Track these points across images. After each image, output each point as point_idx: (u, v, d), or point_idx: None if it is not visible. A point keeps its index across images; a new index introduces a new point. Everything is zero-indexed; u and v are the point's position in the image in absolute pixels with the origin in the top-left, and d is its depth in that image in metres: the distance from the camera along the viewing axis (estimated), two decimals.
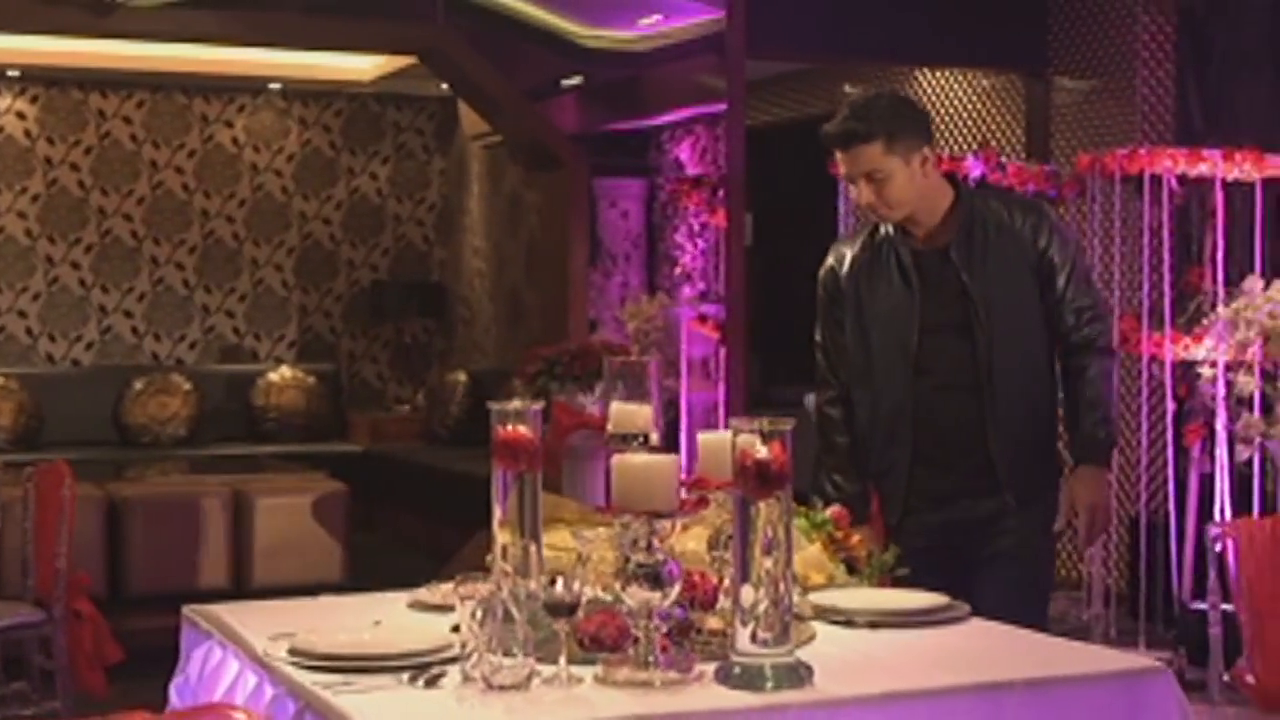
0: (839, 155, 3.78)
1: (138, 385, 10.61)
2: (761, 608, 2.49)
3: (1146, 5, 7.57)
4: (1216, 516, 6.58)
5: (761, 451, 2.52)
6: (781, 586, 2.51)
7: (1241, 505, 6.55)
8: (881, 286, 3.90)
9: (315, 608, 3.26)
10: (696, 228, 11.02)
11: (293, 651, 2.72)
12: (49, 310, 11.06)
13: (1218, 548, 3.76)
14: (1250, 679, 3.69)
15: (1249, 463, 6.42)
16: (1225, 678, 3.73)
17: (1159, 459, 6.91)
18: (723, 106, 9.58)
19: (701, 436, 2.91)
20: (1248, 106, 7.66)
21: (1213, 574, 3.73)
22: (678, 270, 11.21)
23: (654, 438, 2.99)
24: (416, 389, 11.85)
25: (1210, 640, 3.76)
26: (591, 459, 6.92)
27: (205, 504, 7.42)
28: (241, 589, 7.21)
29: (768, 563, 2.50)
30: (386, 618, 3.03)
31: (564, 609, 2.60)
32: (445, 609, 3.15)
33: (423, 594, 3.27)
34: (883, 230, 3.91)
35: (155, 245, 11.28)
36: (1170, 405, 6.68)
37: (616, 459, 2.66)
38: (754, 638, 2.50)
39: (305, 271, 11.68)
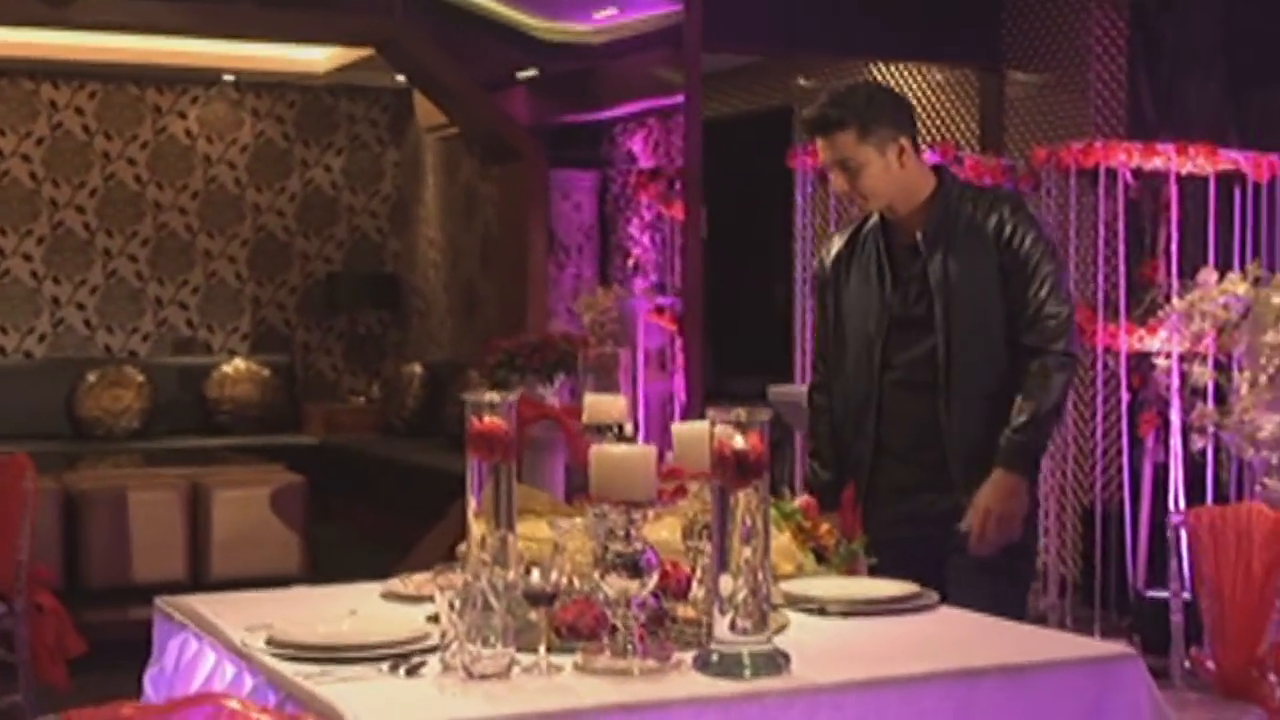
0: (818, 141, 3.82)
1: (90, 378, 10.56)
2: (740, 597, 2.52)
3: (1100, 0, 7.63)
4: (1171, 506, 6.66)
5: (739, 442, 2.54)
6: (760, 575, 2.54)
7: (1195, 494, 6.64)
8: (857, 278, 3.92)
9: (288, 599, 3.27)
10: (649, 220, 11.05)
11: (271, 642, 2.73)
12: (0, 302, 10.98)
13: (1179, 537, 3.80)
14: (1211, 665, 3.75)
15: (1202, 452, 6.50)
16: (1186, 664, 3.78)
17: (1113, 449, 6.98)
18: (676, 99, 9.62)
19: (676, 427, 2.94)
20: (1198, 100, 7.74)
21: (1174, 562, 3.77)
22: (630, 262, 11.24)
23: (628, 428, 3.02)
24: (371, 381, 11.84)
25: (1173, 628, 3.80)
26: (551, 450, 6.94)
27: (163, 496, 7.40)
28: (199, 582, 7.20)
29: (746, 552, 2.52)
30: (361, 608, 3.03)
31: (543, 598, 2.63)
32: (419, 599, 3.17)
33: (395, 585, 3.28)
34: (870, 222, 3.93)
35: (108, 237, 11.21)
36: (1125, 396, 6.75)
37: (595, 449, 2.68)
38: (733, 626, 2.52)
39: (259, 263, 11.64)
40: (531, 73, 10.07)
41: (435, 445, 10.04)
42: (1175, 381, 6.53)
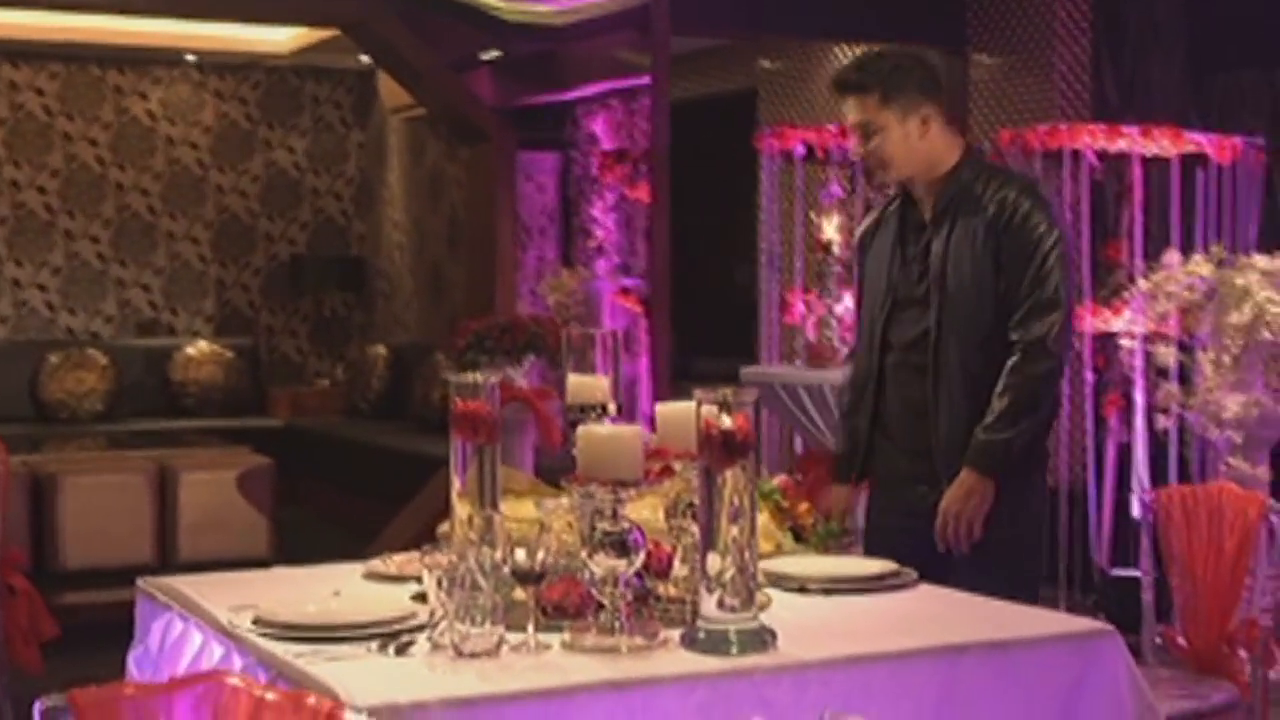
0: (845, 101, 3.77)
1: (54, 360, 10.51)
2: (728, 575, 2.55)
3: None
4: (1134, 485, 6.73)
5: (726, 421, 2.57)
6: (747, 554, 2.57)
7: (1158, 474, 6.71)
8: (876, 257, 3.87)
9: (271, 579, 3.28)
10: (612, 202, 11.06)
11: (258, 622, 2.75)
12: None
13: (1149, 515, 3.84)
14: (1182, 642, 3.80)
15: (1166, 432, 6.57)
16: (1158, 640, 3.83)
17: (1078, 430, 7.04)
18: (639, 81, 9.64)
19: (660, 407, 2.96)
20: (1161, 83, 7.81)
21: (1145, 541, 3.81)
22: (593, 244, 11.25)
23: (612, 408, 3.04)
24: (336, 363, 11.82)
25: (1144, 605, 3.85)
26: (521, 432, 6.96)
27: (131, 479, 7.38)
28: (167, 564, 7.19)
29: (734, 531, 2.55)
30: (343, 588, 3.05)
31: (531, 577, 2.65)
32: (402, 579, 3.19)
33: (377, 565, 3.30)
34: (898, 200, 3.88)
35: (70, 219, 11.15)
36: (1089, 376, 6.82)
37: (582, 429, 2.71)
38: (720, 604, 2.55)
39: (223, 245, 11.60)
40: (495, 54, 10.06)
41: (401, 428, 10.05)
42: (1140, 362, 6.60)
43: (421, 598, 2.98)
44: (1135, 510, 6.76)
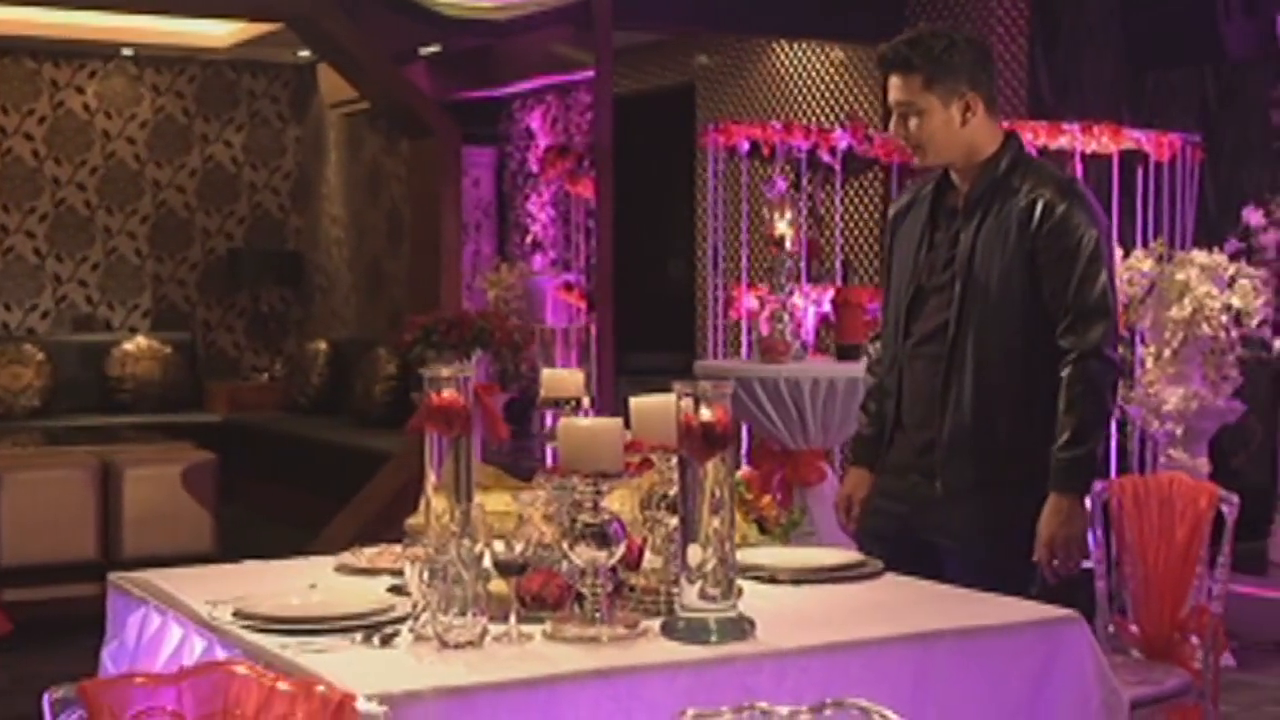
0: (889, 79, 3.64)
1: None
2: (710, 566, 2.60)
3: None
4: None
5: (705, 414, 2.62)
6: (727, 545, 2.62)
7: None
8: (906, 239, 3.76)
9: (244, 573, 3.29)
10: (548, 197, 11.10)
11: (239, 614, 2.77)
12: None
13: (1102, 505, 3.93)
14: (1134, 629, 3.88)
15: None
16: (1110, 629, 3.92)
17: None
18: (572, 77, 9.69)
19: (635, 401, 3.00)
20: (1093, 81, 7.94)
21: (1098, 530, 3.89)
22: (529, 239, 11.29)
23: (586, 401, 3.08)
24: (274, 358, 11.78)
25: (1097, 593, 3.93)
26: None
27: (73, 475, 7.34)
28: (111, 560, 7.14)
29: (715, 522, 2.60)
30: (318, 582, 3.07)
31: (513, 568, 2.69)
32: (374, 572, 3.22)
33: (348, 558, 3.33)
34: (934, 182, 3.76)
35: (5, 213, 11.04)
36: None
37: (563, 422, 2.75)
38: (702, 594, 2.60)
39: (159, 240, 11.52)
40: (435, 48, 10.06)
41: (342, 423, 10.03)
42: None
43: (397, 590, 3.02)
44: None
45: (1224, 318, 6.12)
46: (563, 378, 3.05)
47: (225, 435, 10.10)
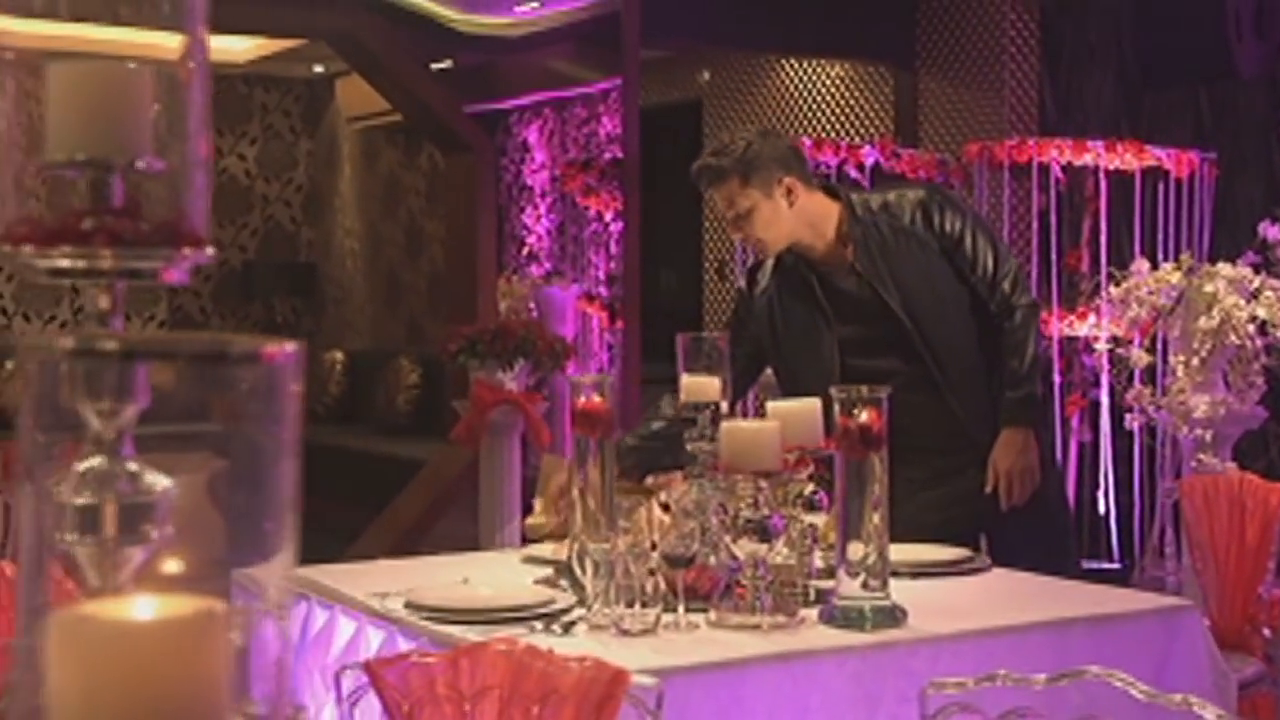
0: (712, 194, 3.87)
1: (9, 367, 10.52)
2: (871, 559, 2.80)
3: (1014, 2, 8.00)
4: (1101, 482, 7.08)
5: (862, 416, 2.82)
6: (884, 539, 2.82)
7: (1121, 470, 7.06)
8: (797, 310, 3.95)
9: (400, 568, 3.48)
10: (544, 208, 11.27)
11: (412, 606, 2.94)
12: None
13: (1175, 505, 4.14)
14: (1208, 622, 4.10)
15: (1136, 430, 6.92)
16: None
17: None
18: (567, 93, 9.89)
19: (773, 405, 3.21)
20: (1095, 100, 8.19)
21: (1169, 529, 4.11)
22: (525, 251, 11.45)
23: (724, 406, 3.28)
24: None
25: (1169, 588, 4.15)
26: (509, 434, 7.16)
27: None
28: None
29: (875, 518, 2.81)
30: (471, 575, 3.25)
31: (682, 561, 2.89)
32: (553, 563, 3.39)
33: (533, 550, 3.55)
34: (788, 262, 3.95)
35: None
36: (1056, 379, 7.15)
37: (726, 425, 2.95)
38: (865, 586, 2.80)
39: None
40: (446, 64, 10.24)
41: (365, 431, 10.19)
42: (1106, 364, 6.94)
43: (547, 582, 3.22)
44: (1101, 506, 7.13)
45: (1250, 327, 6.35)
46: (703, 384, 3.25)
47: None
